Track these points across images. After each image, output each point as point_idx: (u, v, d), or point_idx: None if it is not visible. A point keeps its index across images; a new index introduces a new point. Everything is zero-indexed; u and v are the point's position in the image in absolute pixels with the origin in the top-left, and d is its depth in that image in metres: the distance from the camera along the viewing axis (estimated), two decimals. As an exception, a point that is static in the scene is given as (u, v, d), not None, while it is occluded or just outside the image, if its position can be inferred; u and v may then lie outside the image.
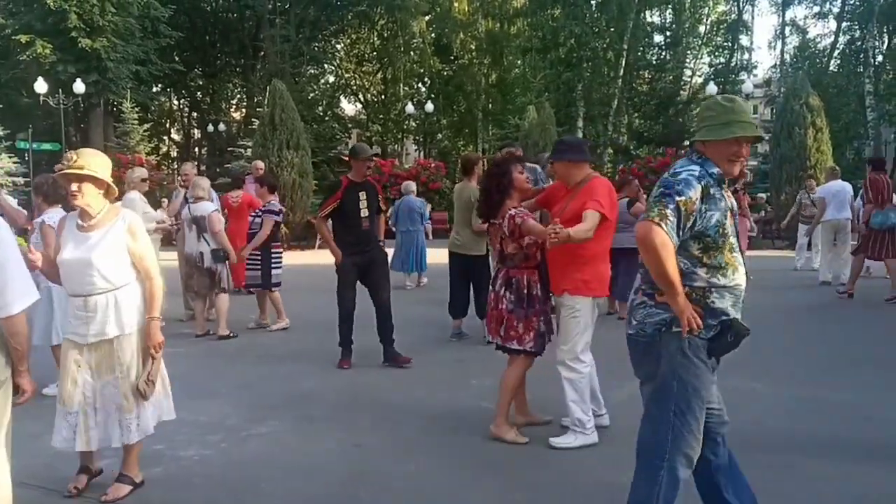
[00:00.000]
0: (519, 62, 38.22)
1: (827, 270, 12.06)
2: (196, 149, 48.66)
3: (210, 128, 39.45)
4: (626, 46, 32.31)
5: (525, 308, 4.68)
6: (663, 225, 2.78)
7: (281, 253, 8.98)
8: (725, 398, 3.27)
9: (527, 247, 4.68)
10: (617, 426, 4.98)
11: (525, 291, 4.70)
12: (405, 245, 12.31)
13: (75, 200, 3.78)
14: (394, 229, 12.37)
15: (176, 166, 45.30)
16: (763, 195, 23.67)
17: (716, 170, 2.97)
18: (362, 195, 6.84)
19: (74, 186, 3.75)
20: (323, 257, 18.03)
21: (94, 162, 3.83)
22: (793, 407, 5.49)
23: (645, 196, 9.74)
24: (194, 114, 47.33)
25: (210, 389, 6.13)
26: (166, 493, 3.99)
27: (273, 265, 8.69)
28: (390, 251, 9.34)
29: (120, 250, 3.82)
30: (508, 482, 4.11)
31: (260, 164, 13.18)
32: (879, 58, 34.30)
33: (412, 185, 13.24)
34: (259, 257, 8.66)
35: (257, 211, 8.90)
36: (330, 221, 6.92)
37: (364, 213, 6.86)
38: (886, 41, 34.47)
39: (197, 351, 7.70)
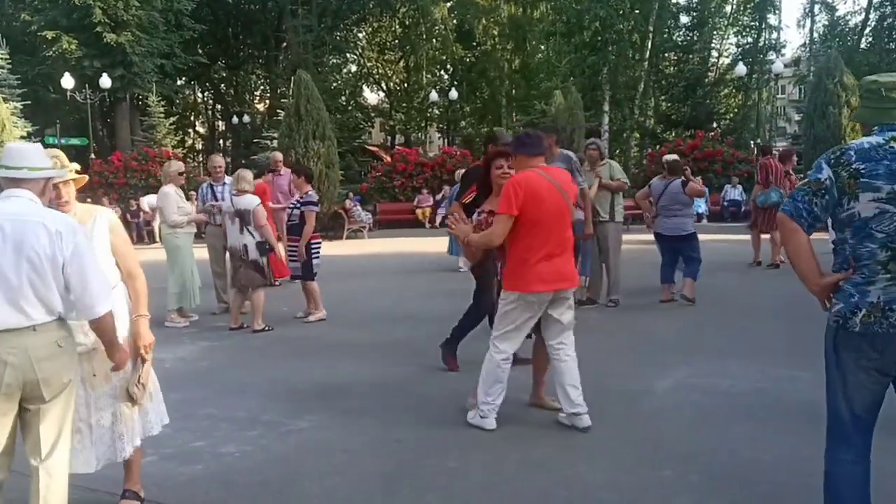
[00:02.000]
0: (542, 47, 37.88)
1: None
2: (221, 141, 48.96)
3: (234, 120, 39.59)
4: (651, 28, 31.94)
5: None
6: None
7: (320, 243, 8.91)
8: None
9: None
10: (664, 416, 4.91)
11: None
12: None
13: (66, 208, 3.45)
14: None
15: (202, 159, 45.60)
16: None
17: None
18: None
19: (64, 194, 3.47)
20: (352, 247, 18.06)
21: (63, 158, 3.55)
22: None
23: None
24: (218, 106, 47.63)
25: (245, 384, 6.09)
26: (209, 492, 3.95)
27: (313, 255, 8.64)
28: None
29: (105, 251, 3.51)
30: (551, 478, 4.02)
31: (279, 155, 12.75)
32: (911, 34, 33.60)
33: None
34: (297, 248, 8.61)
35: (295, 202, 8.81)
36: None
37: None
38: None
39: (231, 344, 7.69)
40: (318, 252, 8.76)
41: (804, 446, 4.13)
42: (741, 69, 31.27)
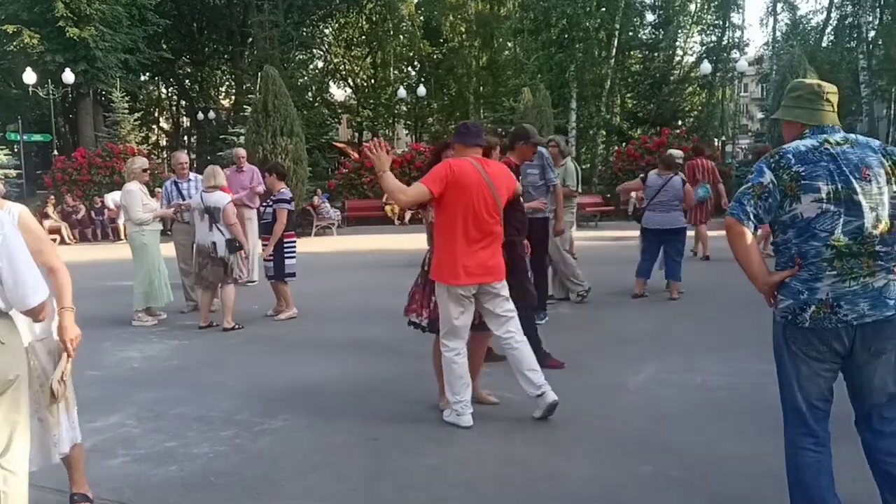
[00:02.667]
0: (510, 44, 37.96)
1: None
2: (186, 137, 48.37)
3: (200, 116, 39.12)
4: (617, 26, 32.07)
5: (422, 284, 5.06)
6: None
7: (294, 243, 8.78)
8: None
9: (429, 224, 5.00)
10: (640, 411, 4.94)
11: (425, 268, 5.06)
12: None
13: None
14: None
15: (166, 155, 45.02)
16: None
17: None
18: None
19: None
20: (321, 245, 17.95)
21: None
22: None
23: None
24: (183, 102, 47.02)
25: (217, 383, 6.01)
26: (185, 494, 3.88)
27: (287, 255, 8.53)
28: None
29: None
30: (531, 474, 4.02)
31: (241, 151, 12.30)
32: (872, 33, 34.17)
33: None
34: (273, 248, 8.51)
35: (268, 201, 8.71)
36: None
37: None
38: (878, 16, 34.33)
39: (201, 343, 7.59)
40: (293, 252, 8.65)
41: (779, 439, 4.16)
42: (706, 67, 31.56)
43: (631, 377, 5.82)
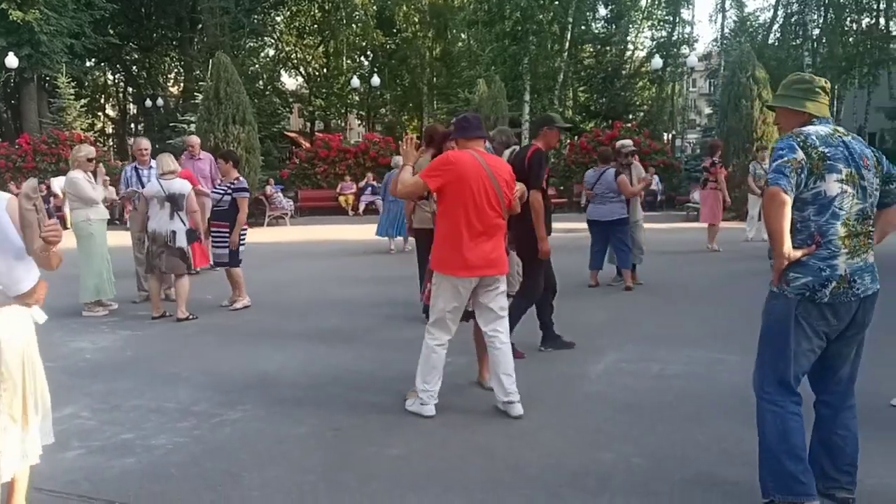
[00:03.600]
0: (464, 35, 37.92)
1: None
2: (133, 125, 47.37)
3: (148, 103, 38.30)
4: (570, 19, 32.30)
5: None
6: None
7: (246, 230, 8.67)
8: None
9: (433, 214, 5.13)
10: (600, 400, 4.99)
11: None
12: (391, 212, 12.98)
13: None
14: (382, 199, 14.17)
15: (112, 143, 44.03)
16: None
17: None
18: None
19: None
20: (274, 235, 17.74)
21: None
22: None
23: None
24: (130, 89, 46.00)
25: (173, 374, 5.89)
26: (144, 486, 3.80)
27: (239, 243, 8.42)
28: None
29: None
30: (495, 463, 4.03)
31: (195, 139, 11.92)
32: (816, 31, 34.98)
33: (400, 160, 13.16)
34: (226, 235, 8.36)
35: (224, 188, 8.55)
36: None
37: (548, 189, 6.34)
38: (823, 15, 35.14)
39: (155, 334, 7.44)
40: (244, 239, 8.55)
41: (737, 426, 4.27)
42: (657, 62, 31.99)
43: (590, 367, 5.88)
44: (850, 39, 34.58)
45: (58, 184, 20.00)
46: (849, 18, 35.01)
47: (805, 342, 3.20)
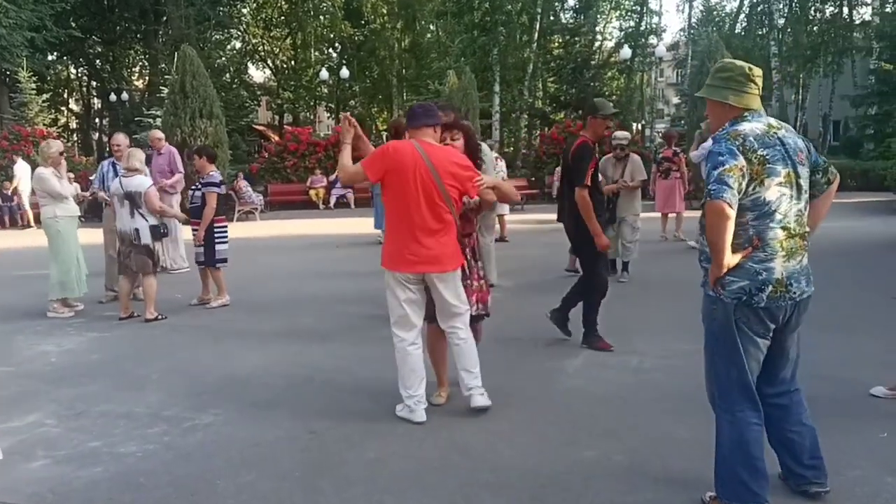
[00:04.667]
0: (432, 26, 37.76)
1: None
2: (97, 119, 46.63)
3: (112, 97, 37.68)
4: (539, 10, 32.27)
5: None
6: None
7: (226, 227, 8.47)
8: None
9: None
10: (579, 395, 4.93)
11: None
12: (381, 204, 12.60)
13: None
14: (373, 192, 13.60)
15: (76, 138, 43.33)
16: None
17: None
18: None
19: None
20: (244, 230, 17.51)
21: None
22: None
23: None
24: (94, 83, 45.24)
25: (142, 377, 5.74)
26: (112, 496, 3.66)
27: (217, 241, 8.24)
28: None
29: None
30: (474, 463, 3.95)
31: (158, 133, 11.48)
32: (782, 21, 35.31)
33: None
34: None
35: (197, 184, 8.37)
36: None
37: (599, 177, 6.14)
38: (788, 4, 35.48)
39: (123, 335, 7.26)
40: (224, 237, 8.35)
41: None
42: (626, 52, 32.10)
43: (568, 360, 5.83)
44: (815, 28, 35.02)
45: (17, 169, 19.50)
46: (813, 7, 35.46)
47: (751, 346, 3.11)
